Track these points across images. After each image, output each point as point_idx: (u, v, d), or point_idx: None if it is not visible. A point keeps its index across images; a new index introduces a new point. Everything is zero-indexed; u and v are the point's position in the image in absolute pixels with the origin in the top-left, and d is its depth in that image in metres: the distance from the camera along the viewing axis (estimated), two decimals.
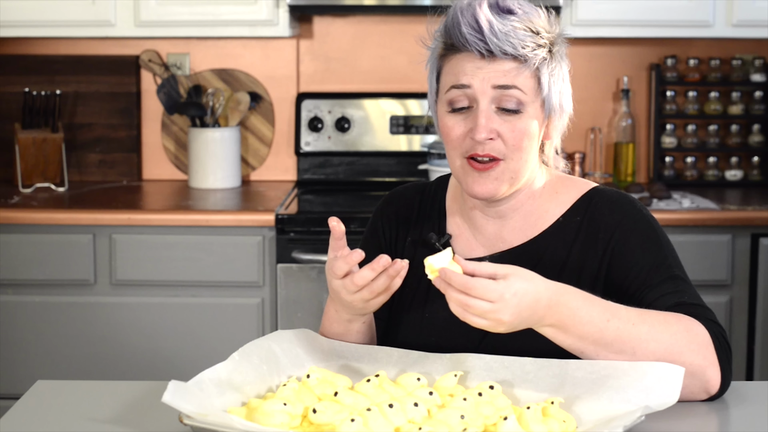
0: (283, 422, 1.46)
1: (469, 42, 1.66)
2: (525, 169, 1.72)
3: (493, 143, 1.68)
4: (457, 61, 1.70)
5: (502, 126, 1.68)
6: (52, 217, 3.30)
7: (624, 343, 1.56)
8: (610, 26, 3.55)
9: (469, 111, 1.69)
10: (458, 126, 1.70)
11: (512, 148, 1.68)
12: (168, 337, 3.30)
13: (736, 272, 3.28)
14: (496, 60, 1.67)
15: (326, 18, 3.89)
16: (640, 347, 1.56)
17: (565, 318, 1.55)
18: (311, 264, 3.26)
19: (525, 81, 1.67)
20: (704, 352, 1.58)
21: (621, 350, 1.56)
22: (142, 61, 3.80)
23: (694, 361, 1.58)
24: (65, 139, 3.77)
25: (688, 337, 1.58)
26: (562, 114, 1.74)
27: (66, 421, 1.57)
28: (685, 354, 1.57)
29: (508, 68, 1.67)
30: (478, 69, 1.67)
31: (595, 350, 1.57)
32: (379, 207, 1.90)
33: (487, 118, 1.67)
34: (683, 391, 1.55)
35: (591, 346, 1.56)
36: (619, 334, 1.56)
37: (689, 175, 3.84)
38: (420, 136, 3.82)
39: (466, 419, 1.44)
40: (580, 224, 1.75)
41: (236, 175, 3.75)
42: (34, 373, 3.19)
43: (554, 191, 1.79)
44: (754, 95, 3.83)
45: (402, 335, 1.78)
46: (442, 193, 1.87)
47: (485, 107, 1.67)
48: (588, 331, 1.55)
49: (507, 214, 1.78)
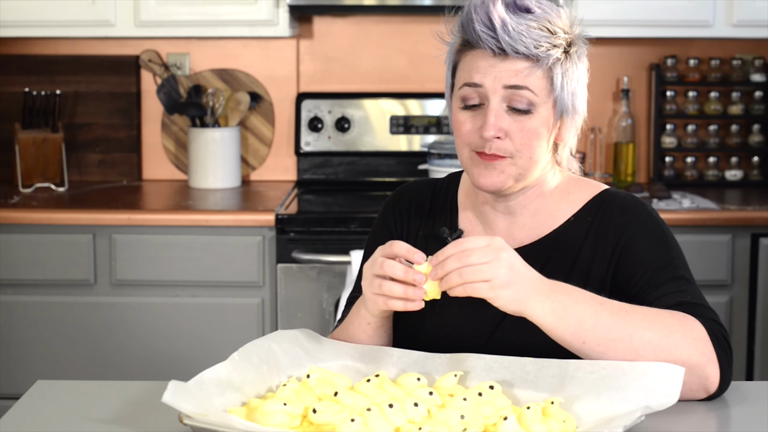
0: (283, 422, 1.46)
1: (482, 39, 1.67)
2: (533, 168, 1.72)
3: (500, 142, 1.68)
4: (472, 57, 1.70)
5: (511, 125, 1.68)
6: (52, 217, 3.30)
7: (621, 329, 1.56)
8: (610, 26, 3.55)
9: (480, 108, 1.70)
10: (469, 122, 1.71)
11: (520, 147, 1.69)
12: (168, 337, 3.30)
13: (736, 272, 3.29)
14: (508, 58, 1.67)
15: (326, 18, 3.89)
16: (636, 334, 1.56)
17: (563, 298, 1.56)
18: (311, 264, 3.26)
19: (537, 81, 1.68)
20: (702, 348, 1.58)
21: (618, 337, 1.56)
22: (142, 61, 3.80)
23: (692, 356, 1.57)
24: (65, 139, 3.77)
25: (683, 331, 1.58)
26: (575, 115, 1.74)
27: (66, 421, 1.57)
28: (683, 347, 1.57)
29: (521, 67, 1.67)
30: (491, 67, 1.68)
31: (595, 337, 1.56)
32: (391, 200, 1.90)
33: (496, 117, 1.67)
34: (682, 388, 1.55)
35: (591, 333, 1.56)
36: (614, 319, 1.57)
37: (689, 175, 3.84)
38: (420, 136, 3.82)
39: (466, 419, 1.44)
40: (591, 225, 1.76)
41: (236, 175, 3.75)
42: (34, 373, 3.19)
43: (566, 192, 1.79)
44: (754, 95, 3.83)
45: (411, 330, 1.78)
46: (454, 189, 1.87)
47: (495, 105, 1.68)
48: (586, 313, 1.56)
49: (516, 210, 1.78)
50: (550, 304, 1.56)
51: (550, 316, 1.56)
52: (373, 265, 1.61)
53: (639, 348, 1.56)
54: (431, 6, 3.44)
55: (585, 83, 1.75)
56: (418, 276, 1.57)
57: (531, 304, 1.56)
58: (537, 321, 1.57)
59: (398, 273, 1.58)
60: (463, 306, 1.74)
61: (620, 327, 1.57)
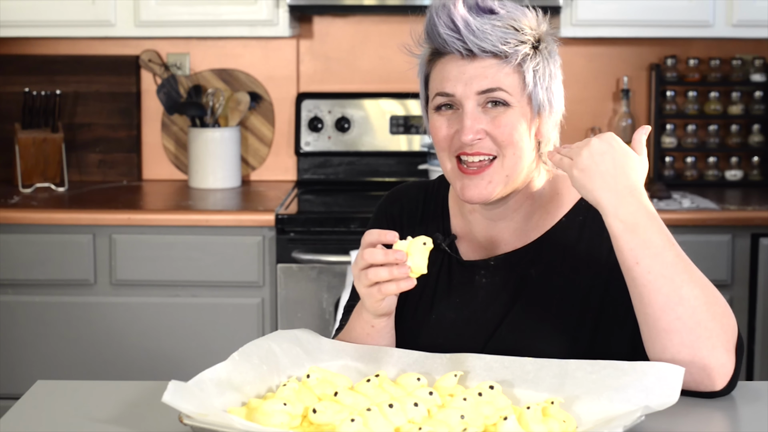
0: (283, 422, 1.46)
1: (448, 42, 1.67)
2: (520, 167, 1.71)
3: (481, 142, 1.68)
4: (442, 65, 1.70)
5: (489, 124, 1.68)
6: (52, 217, 3.30)
7: (676, 272, 1.54)
8: (610, 26, 3.55)
9: (456, 111, 1.70)
10: (445, 127, 1.71)
11: (503, 143, 1.68)
12: (168, 337, 3.30)
13: (736, 272, 3.29)
14: (476, 59, 1.67)
15: (326, 18, 3.89)
16: (687, 285, 1.54)
17: (640, 215, 1.56)
18: (311, 264, 3.26)
19: (507, 78, 1.68)
20: (729, 336, 1.56)
21: (671, 277, 1.54)
22: (142, 61, 3.80)
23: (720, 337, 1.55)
24: (65, 139, 3.77)
25: (725, 313, 1.56)
26: (552, 112, 1.73)
27: (66, 421, 1.57)
28: (715, 326, 1.55)
29: (490, 65, 1.67)
30: (461, 72, 1.68)
31: (649, 264, 1.54)
32: (383, 204, 1.90)
33: (472, 119, 1.67)
34: (689, 376, 1.54)
35: (648, 259, 1.55)
36: (676, 261, 1.55)
37: (689, 175, 3.84)
38: (420, 136, 3.82)
39: (466, 419, 1.44)
40: (584, 223, 1.75)
41: (236, 175, 3.75)
42: (34, 373, 3.19)
43: (555, 191, 1.78)
44: (754, 95, 3.83)
45: (409, 336, 1.77)
46: (445, 192, 1.86)
47: (470, 109, 1.68)
48: (654, 241, 1.55)
49: (506, 215, 1.77)
50: (624, 212, 1.56)
51: (620, 223, 1.56)
52: (356, 262, 1.63)
53: (680, 300, 1.54)
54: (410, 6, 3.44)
55: (560, 80, 1.75)
56: (398, 254, 1.58)
57: (604, 198, 1.57)
58: (606, 222, 1.57)
59: (378, 257, 1.59)
60: (460, 312, 1.74)
61: (678, 270, 1.55)
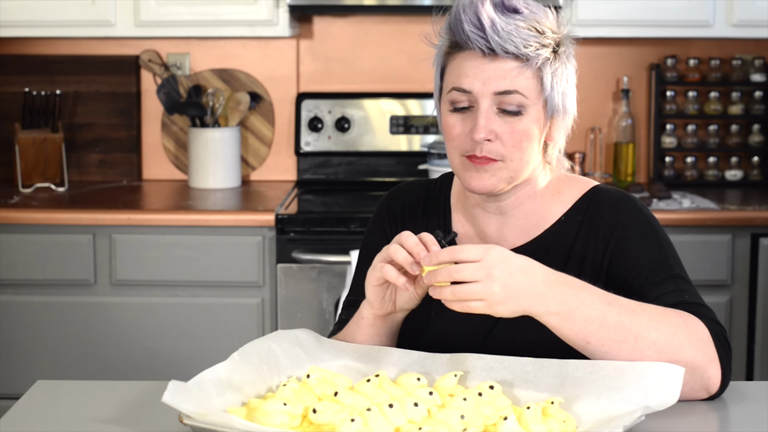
0: (283, 422, 1.46)
1: (471, 39, 1.66)
2: (524, 170, 1.71)
3: (491, 145, 1.68)
4: (461, 60, 1.70)
5: (501, 127, 1.68)
6: (52, 217, 3.30)
7: (626, 330, 1.56)
8: (610, 26, 3.55)
9: (469, 111, 1.70)
10: (459, 125, 1.70)
11: (511, 149, 1.68)
12: (168, 337, 3.30)
13: (736, 272, 3.28)
14: (497, 59, 1.67)
15: (326, 18, 3.89)
16: (642, 335, 1.56)
17: (569, 299, 1.55)
18: (311, 264, 3.26)
19: (526, 82, 1.67)
20: (705, 348, 1.58)
21: (623, 338, 1.56)
22: (142, 61, 3.80)
23: (696, 357, 1.58)
24: (65, 139, 3.77)
25: (687, 331, 1.58)
26: (565, 115, 1.73)
27: (66, 421, 1.57)
28: (686, 348, 1.57)
29: (510, 67, 1.66)
30: (480, 70, 1.67)
31: (600, 338, 1.56)
32: (384, 202, 1.90)
33: (486, 119, 1.67)
34: (683, 388, 1.55)
35: (596, 333, 1.56)
36: (620, 320, 1.57)
37: (689, 175, 3.84)
38: (420, 136, 3.82)
39: (466, 419, 1.44)
40: (581, 223, 1.75)
41: (236, 175, 3.75)
42: (34, 373, 3.19)
43: (556, 191, 1.79)
44: (754, 95, 3.83)
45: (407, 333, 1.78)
46: (447, 190, 1.87)
47: (485, 108, 1.67)
48: (592, 314, 1.56)
49: (508, 211, 1.78)
50: (555, 305, 1.56)
51: (555, 316, 1.56)
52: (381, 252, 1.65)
53: (643, 348, 1.57)
54: (431, 6, 3.44)
55: (574, 83, 1.75)
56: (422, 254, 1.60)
57: (533, 308, 1.55)
58: (541, 320, 1.57)
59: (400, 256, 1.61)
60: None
61: (626, 328, 1.57)
